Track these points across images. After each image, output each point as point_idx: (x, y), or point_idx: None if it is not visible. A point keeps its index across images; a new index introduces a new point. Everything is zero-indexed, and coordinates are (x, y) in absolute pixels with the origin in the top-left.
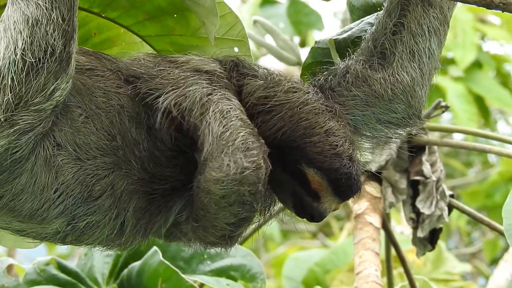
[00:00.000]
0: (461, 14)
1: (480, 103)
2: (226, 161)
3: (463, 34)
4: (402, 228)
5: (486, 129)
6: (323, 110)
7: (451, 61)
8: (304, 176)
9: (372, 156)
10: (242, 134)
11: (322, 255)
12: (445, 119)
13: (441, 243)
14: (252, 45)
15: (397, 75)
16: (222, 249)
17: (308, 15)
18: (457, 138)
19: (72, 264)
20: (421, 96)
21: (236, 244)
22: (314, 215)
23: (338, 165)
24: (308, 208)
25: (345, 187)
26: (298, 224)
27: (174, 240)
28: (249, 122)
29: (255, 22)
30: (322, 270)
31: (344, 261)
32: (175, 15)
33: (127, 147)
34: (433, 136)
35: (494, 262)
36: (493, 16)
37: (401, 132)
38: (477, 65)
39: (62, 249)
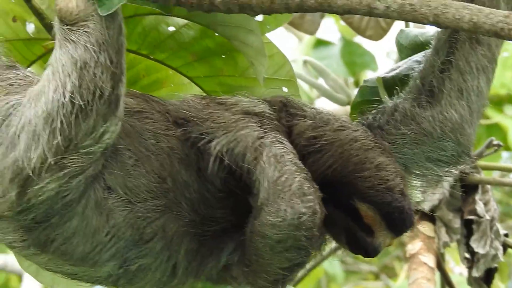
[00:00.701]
0: None
1: None
2: (283, 206)
3: None
4: (460, 269)
5: None
6: (373, 146)
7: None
8: (357, 212)
9: (424, 195)
10: (298, 179)
11: None
12: (504, 158)
13: (500, 285)
14: (305, 86)
15: (445, 113)
16: None
17: (361, 55)
18: None
19: None
20: (470, 134)
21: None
22: (369, 251)
23: (390, 199)
24: (362, 243)
25: (398, 221)
26: (360, 265)
27: (223, 284)
28: (303, 167)
29: (305, 62)
30: None
31: None
32: (223, 56)
33: (178, 189)
34: (492, 176)
35: None
36: None
37: (451, 170)
38: None
39: None
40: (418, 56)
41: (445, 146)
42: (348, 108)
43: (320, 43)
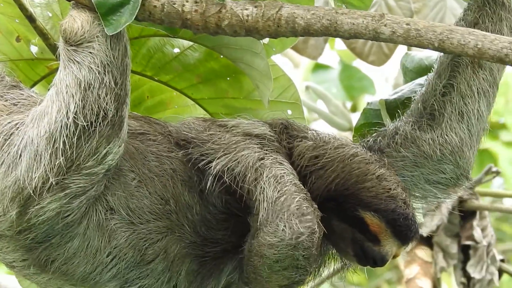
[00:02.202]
0: None
1: None
2: (281, 227)
3: None
4: None
5: None
6: (373, 161)
7: (503, 126)
8: (362, 222)
9: (423, 219)
10: (297, 199)
11: None
12: (496, 185)
13: None
14: (304, 110)
15: (445, 136)
16: None
17: (360, 80)
18: (509, 203)
19: None
20: (469, 157)
21: None
22: (377, 259)
23: (394, 206)
24: (369, 253)
25: (404, 227)
26: None
27: None
28: (302, 187)
29: (307, 87)
30: None
31: None
32: (228, 78)
33: (180, 211)
34: (484, 201)
35: None
36: None
37: (450, 192)
38: None
39: None
40: (421, 79)
41: (444, 169)
42: (347, 134)
43: (319, 67)
